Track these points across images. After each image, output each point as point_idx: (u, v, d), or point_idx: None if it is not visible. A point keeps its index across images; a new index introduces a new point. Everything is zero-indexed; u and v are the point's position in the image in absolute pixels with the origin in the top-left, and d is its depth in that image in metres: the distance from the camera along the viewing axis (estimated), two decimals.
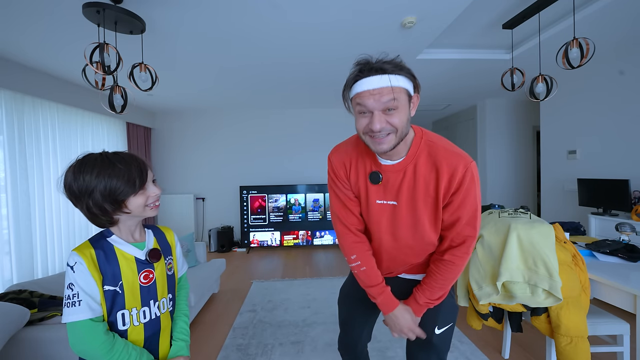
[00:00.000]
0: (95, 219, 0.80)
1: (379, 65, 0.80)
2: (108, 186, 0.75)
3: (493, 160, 4.92)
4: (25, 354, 1.37)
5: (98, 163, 0.76)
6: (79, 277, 0.75)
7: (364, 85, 0.80)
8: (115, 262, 0.81)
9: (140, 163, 0.82)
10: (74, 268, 0.75)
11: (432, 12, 2.14)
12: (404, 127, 0.82)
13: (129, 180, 0.78)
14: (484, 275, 1.59)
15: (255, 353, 2.09)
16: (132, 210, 0.80)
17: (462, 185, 0.86)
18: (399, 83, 0.79)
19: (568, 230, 2.26)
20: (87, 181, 0.75)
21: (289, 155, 5.35)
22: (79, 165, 0.77)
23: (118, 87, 2.27)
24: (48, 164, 3.17)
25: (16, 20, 2.09)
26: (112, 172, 0.76)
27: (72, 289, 0.75)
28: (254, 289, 3.25)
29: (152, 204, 0.84)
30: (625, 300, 1.45)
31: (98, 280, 0.77)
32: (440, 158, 0.87)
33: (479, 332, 2.29)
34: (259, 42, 2.56)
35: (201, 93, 4.11)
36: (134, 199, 0.80)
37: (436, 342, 1.07)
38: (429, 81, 3.77)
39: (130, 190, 0.78)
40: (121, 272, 0.81)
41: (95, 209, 0.77)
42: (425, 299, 0.98)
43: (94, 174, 0.75)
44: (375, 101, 0.79)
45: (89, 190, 0.75)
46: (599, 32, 2.55)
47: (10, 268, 2.73)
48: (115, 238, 0.83)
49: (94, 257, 0.78)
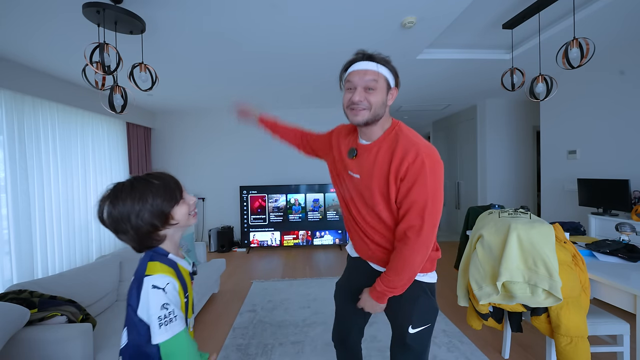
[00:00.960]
0: (144, 240, 0.82)
1: (370, 54, 1.00)
2: (154, 203, 0.79)
3: (493, 160, 4.92)
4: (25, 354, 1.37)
5: (135, 186, 0.79)
6: (172, 297, 0.79)
7: (355, 67, 0.99)
8: (182, 277, 0.86)
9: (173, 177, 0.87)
10: (165, 289, 0.78)
11: (432, 12, 2.14)
12: (378, 107, 0.98)
13: (169, 192, 0.82)
14: (484, 275, 1.59)
15: (255, 353, 2.09)
16: (179, 220, 0.84)
17: (409, 170, 0.94)
18: (381, 70, 0.98)
19: (568, 230, 2.26)
20: (130, 205, 0.77)
21: (289, 155, 5.33)
22: (114, 194, 0.79)
23: (118, 87, 2.27)
24: (48, 164, 3.17)
25: (16, 21, 2.09)
26: (152, 189, 0.80)
27: (167, 308, 0.77)
28: (254, 289, 3.25)
29: (192, 211, 0.89)
30: (625, 300, 1.45)
31: (181, 294, 0.83)
32: (399, 143, 0.99)
33: (479, 332, 2.29)
34: (259, 43, 2.56)
35: (201, 93, 4.11)
36: (178, 209, 0.84)
37: (410, 342, 1.08)
38: (429, 81, 3.77)
39: (173, 202, 0.82)
40: (187, 285, 0.88)
41: (145, 227, 0.79)
42: (382, 285, 1.03)
43: (135, 197, 0.78)
44: (360, 78, 0.98)
45: (134, 212, 0.77)
46: (599, 32, 2.55)
47: (10, 268, 2.73)
48: (172, 256, 0.86)
49: (175, 275, 0.83)
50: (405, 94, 4.40)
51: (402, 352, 1.12)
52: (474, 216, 2.86)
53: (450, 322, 2.45)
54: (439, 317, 2.53)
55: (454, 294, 2.92)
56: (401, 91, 4.23)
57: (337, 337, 1.34)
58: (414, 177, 0.93)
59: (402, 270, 0.99)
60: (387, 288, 1.02)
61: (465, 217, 3.01)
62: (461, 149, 5.74)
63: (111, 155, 4.22)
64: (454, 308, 2.67)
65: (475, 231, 1.74)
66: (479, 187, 5.12)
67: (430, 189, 0.94)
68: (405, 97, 4.63)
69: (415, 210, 0.95)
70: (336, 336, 1.34)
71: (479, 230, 1.68)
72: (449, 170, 6.25)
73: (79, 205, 3.59)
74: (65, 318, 1.55)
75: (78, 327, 1.46)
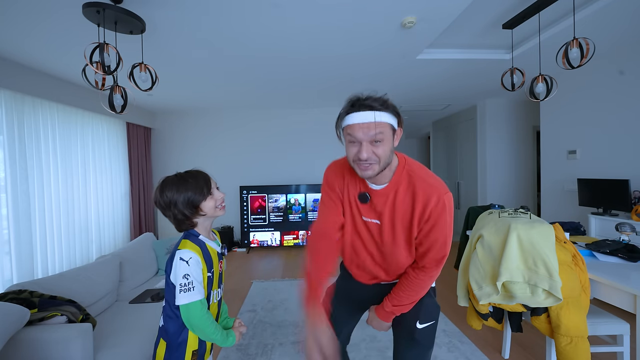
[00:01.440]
0: (180, 224, 1.05)
1: (369, 102, 0.91)
2: (186, 197, 1.01)
3: (493, 160, 4.92)
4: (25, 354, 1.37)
5: (175, 182, 1.02)
6: (193, 269, 0.99)
7: (355, 118, 0.91)
8: (209, 254, 1.07)
9: (205, 176, 1.09)
10: (189, 262, 0.99)
11: (432, 12, 2.14)
12: (386, 157, 0.94)
13: (199, 189, 1.03)
14: (484, 275, 1.59)
15: (255, 353, 2.09)
16: (206, 212, 1.05)
17: (433, 213, 0.97)
18: (384, 119, 0.91)
19: (568, 230, 2.26)
20: (169, 197, 1.01)
21: (289, 155, 5.35)
22: (161, 186, 1.03)
23: (118, 87, 2.27)
24: (48, 164, 3.17)
25: (16, 20, 2.09)
26: (187, 185, 1.02)
27: (187, 279, 0.98)
28: (254, 289, 3.25)
29: (220, 205, 1.10)
30: (625, 300, 1.45)
31: (205, 269, 1.03)
32: (417, 188, 0.98)
33: (479, 332, 2.29)
34: (260, 42, 2.56)
35: (201, 93, 4.11)
36: (206, 203, 1.05)
37: (419, 337, 1.11)
38: (429, 81, 3.77)
39: (201, 197, 1.03)
40: (212, 262, 1.08)
41: (179, 215, 1.02)
42: (391, 306, 1.09)
43: (173, 190, 1.01)
44: (364, 133, 0.90)
45: (172, 202, 1.01)
46: (599, 32, 2.55)
47: (10, 268, 2.73)
48: (203, 237, 1.08)
49: (200, 252, 1.03)
50: (405, 94, 4.40)
51: (410, 348, 1.13)
52: (474, 216, 2.86)
53: (450, 322, 2.45)
54: (439, 317, 2.52)
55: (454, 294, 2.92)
56: (401, 91, 4.23)
57: None
58: (436, 218, 0.97)
59: (416, 295, 1.07)
60: (395, 308, 1.09)
61: (465, 217, 3.01)
62: (461, 149, 5.74)
63: (111, 155, 4.22)
64: (454, 308, 2.67)
65: (475, 231, 1.74)
66: (479, 187, 5.12)
67: (449, 226, 1.00)
68: (405, 97, 4.63)
69: (437, 247, 1.01)
70: None
71: (479, 230, 1.68)
72: (449, 170, 6.25)
73: (79, 205, 3.59)
74: (65, 318, 1.55)
75: (78, 327, 1.46)
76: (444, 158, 6.43)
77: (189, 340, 1.04)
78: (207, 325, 1.00)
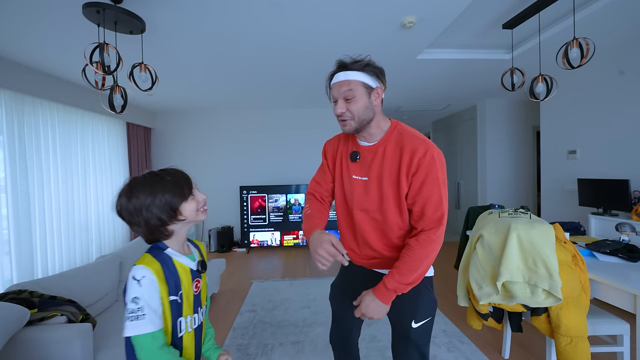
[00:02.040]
0: (153, 232, 0.85)
1: (344, 63, 1.00)
2: (163, 198, 0.83)
3: (493, 160, 4.92)
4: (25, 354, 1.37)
5: (148, 181, 0.84)
6: (145, 291, 0.78)
7: (334, 79, 1.01)
8: (175, 273, 0.86)
9: (185, 174, 0.92)
10: (141, 282, 0.78)
11: (432, 12, 2.14)
12: (361, 113, 1.00)
13: (178, 188, 0.86)
14: (484, 275, 1.59)
15: (255, 353, 2.09)
16: (187, 216, 0.87)
17: (421, 164, 0.97)
18: (354, 77, 0.98)
19: (568, 230, 2.26)
20: (142, 199, 0.81)
21: (289, 155, 5.35)
22: (129, 188, 0.83)
23: (118, 87, 2.27)
24: (48, 164, 3.17)
25: (16, 20, 2.09)
26: (164, 185, 0.84)
27: (137, 303, 0.77)
28: (254, 289, 3.25)
29: (202, 207, 0.92)
30: (625, 300, 1.45)
31: (164, 292, 0.81)
32: (405, 141, 1.02)
33: (479, 332, 2.29)
34: (260, 42, 2.56)
35: (201, 93, 4.11)
36: (187, 205, 0.87)
37: (414, 336, 1.09)
38: (429, 81, 3.77)
39: (181, 198, 0.86)
40: (181, 282, 0.86)
41: (153, 220, 0.83)
42: (394, 282, 0.98)
43: (147, 191, 0.82)
44: (337, 91, 1.00)
45: (145, 206, 0.81)
46: (599, 32, 2.55)
47: (10, 268, 2.73)
48: (171, 251, 0.88)
49: (159, 270, 0.82)
50: (405, 94, 4.40)
51: (405, 348, 1.12)
52: (474, 216, 2.86)
53: (450, 322, 2.45)
54: (439, 317, 2.53)
55: (454, 294, 2.92)
56: (401, 91, 4.23)
57: (336, 339, 1.32)
58: (426, 171, 0.97)
59: (419, 266, 0.98)
60: (399, 285, 0.98)
61: (465, 217, 3.01)
62: (461, 149, 5.74)
63: (111, 155, 4.22)
64: (454, 308, 2.67)
65: (475, 231, 1.74)
66: (479, 187, 5.12)
67: (442, 182, 0.99)
68: (405, 97, 4.63)
69: (432, 205, 0.98)
70: (336, 338, 1.32)
71: (479, 230, 1.68)
72: (449, 170, 6.23)
73: (79, 205, 3.59)
74: (65, 318, 1.55)
75: (78, 327, 1.46)
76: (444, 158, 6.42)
77: None
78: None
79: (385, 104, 4.98)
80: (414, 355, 1.11)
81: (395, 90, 4.12)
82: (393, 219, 1.05)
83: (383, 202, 1.04)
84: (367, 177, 1.07)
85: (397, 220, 1.05)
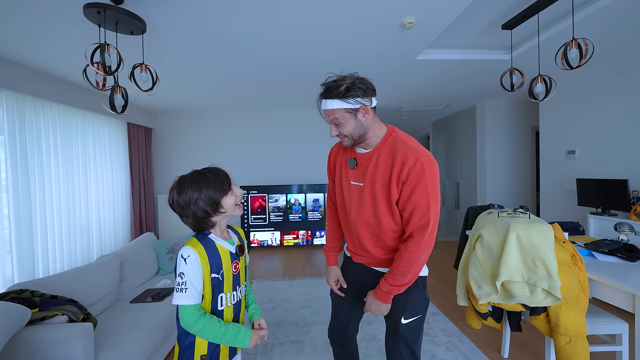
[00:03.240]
0: (199, 223, 0.98)
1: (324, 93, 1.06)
2: (207, 193, 0.96)
3: (492, 161, 4.93)
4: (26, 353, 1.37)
5: (195, 179, 0.97)
6: (189, 269, 0.92)
7: (321, 106, 1.08)
8: (217, 254, 0.99)
9: (224, 172, 1.03)
10: (187, 260, 0.92)
11: (432, 13, 2.15)
12: (354, 132, 1.07)
13: (220, 185, 0.98)
14: (484, 275, 1.59)
15: (256, 352, 2.10)
16: (227, 209, 1.00)
17: (411, 173, 1.01)
18: (337, 106, 1.03)
19: (567, 230, 2.26)
20: (190, 195, 0.95)
21: (289, 155, 5.35)
22: (179, 185, 0.97)
23: (119, 87, 2.27)
24: (49, 164, 3.17)
25: (17, 21, 2.09)
26: (207, 181, 0.97)
27: (182, 277, 0.92)
28: (254, 289, 3.25)
29: (239, 202, 1.04)
30: (624, 300, 1.45)
31: (206, 270, 0.95)
32: (398, 149, 1.06)
33: (478, 331, 2.29)
34: (260, 43, 2.57)
35: (202, 93, 4.11)
36: (227, 199, 0.99)
37: (402, 332, 1.14)
38: (428, 81, 3.77)
39: (222, 192, 0.98)
40: (222, 263, 1.00)
41: (200, 213, 0.96)
42: (388, 285, 1.08)
43: (193, 188, 0.95)
44: (326, 117, 1.08)
45: (193, 200, 0.95)
46: (598, 32, 2.56)
47: (12, 268, 2.74)
48: (213, 236, 1.01)
49: (203, 252, 0.95)
50: (405, 94, 4.40)
51: (395, 343, 1.17)
52: (474, 216, 2.87)
53: (449, 321, 2.46)
54: (439, 316, 2.53)
55: (454, 294, 2.93)
56: (401, 91, 4.24)
57: (334, 333, 1.37)
58: (415, 180, 1.01)
59: (408, 270, 1.06)
60: (392, 287, 1.07)
61: (465, 217, 3.02)
62: (461, 149, 5.75)
63: (112, 155, 4.23)
64: (453, 307, 2.68)
65: (474, 231, 1.75)
66: (479, 187, 5.13)
67: (431, 190, 1.01)
68: (405, 98, 4.63)
69: (419, 212, 1.02)
70: (333, 333, 1.37)
71: (479, 230, 1.69)
72: (448, 170, 6.25)
73: (80, 205, 3.59)
74: (66, 317, 1.56)
75: (79, 327, 1.47)
76: (444, 158, 6.43)
77: (197, 344, 0.97)
78: (201, 329, 0.93)
79: (385, 104, 5.01)
80: (404, 350, 1.15)
81: (395, 90, 4.13)
82: (386, 223, 1.11)
83: (376, 207, 1.10)
84: (363, 182, 1.13)
85: (391, 224, 1.11)
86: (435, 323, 2.43)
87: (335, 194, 1.28)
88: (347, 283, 1.31)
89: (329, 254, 1.38)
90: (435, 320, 2.47)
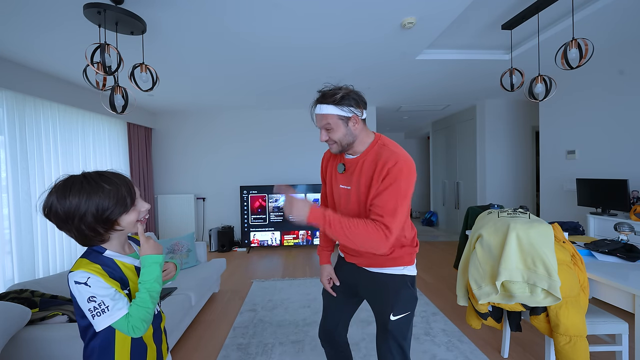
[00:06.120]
0: (85, 240, 0.79)
1: (320, 98, 1.10)
2: (100, 208, 0.75)
3: (492, 161, 4.93)
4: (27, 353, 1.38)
5: (85, 185, 0.75)
6: (97, 288, 0.74)
7: (315, 110, 1.12)
8: (120, 271, 0.82)
9: (127, 181, 0.82)
10: (88, 282, 0.74)
11: (432, 13, 2.15)
12: (342, 139, 1.12)
13: (120, 199, 0.78)
14: (483, 275, 1.60)
15: (256, 352, 2.10)
16: (124, 227, 0.81)
17: (390, 172, 1.04)
18: (331, 111, 1.08)
19: (567, 230, 2.26)
20: (76, 204, 0.73)
21: (289, 155, 5.35)
22: (62, 188, 0.74)
23: (119, 87, 2.28)
24: (49, 164, 3.17)
25: (18, 22, 2.10)
26: (102, 193, 0.75)
27: (95, 301, 0.74)
28: (254, 289, 3.26)
29: (142, 217, 0.85)
30: (623, 300, 1.45)
31: (116, 286, 0.79)
32: (382, 154, 1.09)
33: (478, 331, 2.30)
34: (260, 43, 2.57)
35: (202, 93, 4.12)
36: (126, 217, 0.80)
37: (391, 328, 1.17)
38: (428, 81, 3.78)
39: (122, 210, 0.79)
40: (128, 280, 0.83)
41: (87, 230, 0.76)
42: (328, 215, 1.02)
43: (82, 197, 0.73)
44: (318, 122, 1.13)
45: (79, 213, 0.74)
46: (598, 32, 2.56)
47: (12, 268, 2.74)
48: (110, 252, 0.83)
49: (101, 270, 0.77)
50: (404, 94, 4.41)
51: (384, 338, 1.20)
52: (473, 216, 2.87)
53: (449, 321, 2.46)
54: (439, 316, 2.53)
55: (454, 294, 2.93)
56: (401, 91, 4.24)
57: (323, 332, 1.39)
58: (393, 179, 1.03)
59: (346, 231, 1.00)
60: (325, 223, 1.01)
61: (465, 217, 3.02)
62: (460, 149, 5.75)
63: (112, 155, 4.23)
64: (453, 307, 2.68)
65: (474, 231, 1.75)
66: (478, 187, 5.13)
67: (403, 193, 1.03)
68: (405, 97, 4.64)
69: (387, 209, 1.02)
70: (324, 332, 1.39)
71: (478, 230, 1.69)
72: (448, 170, 6.25)
73: None
74: (66, 317, 1.56)
75: None
76: (444, 158, 6.43)
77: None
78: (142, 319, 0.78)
79: (385, 104, 5.00)
80: (393, 346, 1.18)
81: (395, 90, 4.13)
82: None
83: (361, 208, 1.14)
84: (350, 186, 1.17)
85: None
86: (435, 323, 2.43)
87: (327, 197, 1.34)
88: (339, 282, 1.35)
89: (322, 252, 1.44)
90: (435, 320, 2.48)
